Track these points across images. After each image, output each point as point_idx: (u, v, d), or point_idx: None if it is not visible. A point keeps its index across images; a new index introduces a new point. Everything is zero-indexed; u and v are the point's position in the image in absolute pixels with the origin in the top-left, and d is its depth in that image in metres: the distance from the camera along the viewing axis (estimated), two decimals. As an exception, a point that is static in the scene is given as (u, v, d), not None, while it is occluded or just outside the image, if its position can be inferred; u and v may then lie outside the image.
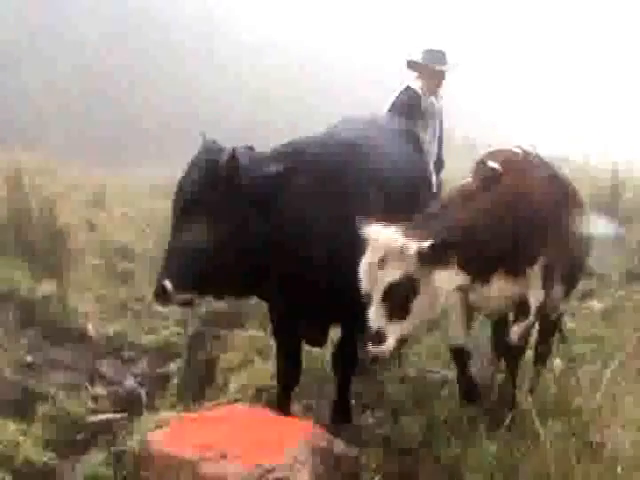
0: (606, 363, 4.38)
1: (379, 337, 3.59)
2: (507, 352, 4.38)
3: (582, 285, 6.63)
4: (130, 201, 12.84)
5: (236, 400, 5.12)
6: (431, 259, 3.56)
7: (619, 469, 3.46)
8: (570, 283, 4.68)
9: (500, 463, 3.77)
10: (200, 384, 6.04)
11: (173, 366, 6.84)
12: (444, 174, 6.88)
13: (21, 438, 4.95)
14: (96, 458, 4.81)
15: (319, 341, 4.61)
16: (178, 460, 3.64)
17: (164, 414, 4.96)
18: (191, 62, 26.41)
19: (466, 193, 3.97)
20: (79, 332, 7.29)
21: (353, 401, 4.81)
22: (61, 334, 7.14)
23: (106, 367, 6.93)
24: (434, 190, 6.23)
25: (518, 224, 3.97)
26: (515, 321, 4.29)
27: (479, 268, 3.91)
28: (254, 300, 4.84)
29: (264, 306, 4.83)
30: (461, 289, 3.98)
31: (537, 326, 4.74)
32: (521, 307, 4.24)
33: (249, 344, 6.08)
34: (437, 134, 6.62)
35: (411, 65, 6.46)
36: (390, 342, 3.61)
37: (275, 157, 4.19)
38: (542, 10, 37.14)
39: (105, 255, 9.47)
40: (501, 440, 3.88)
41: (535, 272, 4.11)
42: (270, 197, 4.05)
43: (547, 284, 4.22)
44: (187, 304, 4.15)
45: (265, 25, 30.43)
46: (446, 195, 4.15)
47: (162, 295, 3.92)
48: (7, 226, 8.14)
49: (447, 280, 3.72)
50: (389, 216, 4.24)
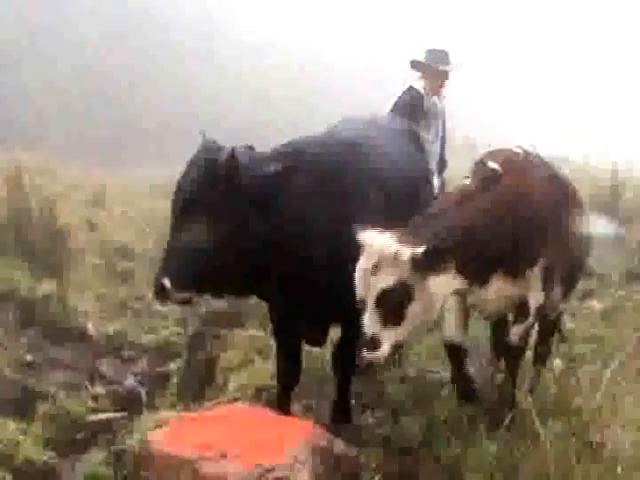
0: (606, 363, 4.36)
1: (374, 343, 3.58)
2: (507, 353, 4.36)
3: (582, 285, 6.63)
4: (130, 201, 12.85)
5: (236, 400, 5.11)
6: (425, 265, 3.53)
7: (619, 469, 3.46)
8: (570, 283, 4.66)
9: (500, 463, 3.76)
10: (200, 384, 6.03)
11: (173, 365, 6.85)
12: (446, 174, 6.87)
13: (21, 437, 4.95)
14: (96, 457, 4.79)
15: (319, 341, 4.60)
16: (178, 459, 3.63)
17: (164, 413, 4.94)
18: (191, 62, 26.44)
19: (465, 195, 3.94)
20: (79, 331, 7.31)
21: (353, 401, 4.80)
22: (61, 333, 7.15)
23: (106, 366, 6.94)
24: (437, 190, 6.22)
25: (518, 225, 3.95)
26: (515, 322, 4.28)
27: (477, 271, 3.89)
28: (254, 300, 4.83)
29: (264, 306, 4.82)
30: (459, 293, 3.97)
31: (536, 326, 4.73)
32: (521, 308, 4.22)
33: (249, 344, 6.07)
34: (440, 134, 6.60)
35: (414, 65, 6.44)
36: (385, 348, 3.60)
37: (275, 157, 4.17)
38: (542, 10, 37.17)
39: (105, 255, 9.49)
40: (501, 440, 3.87)
41: (535, 274, 4.08)
42: (270, 197, 4.04)
43: (547, 285, 4.20)
44: (186, 302, 4.16)
45: (265, 25, 30.45)
46: (444, 197, 4.12)
47: (161, 292, 3.93)
48: (7, 226, 8.16)
49: (443, 285, 3.70)
50: (389, 218, 4.25)
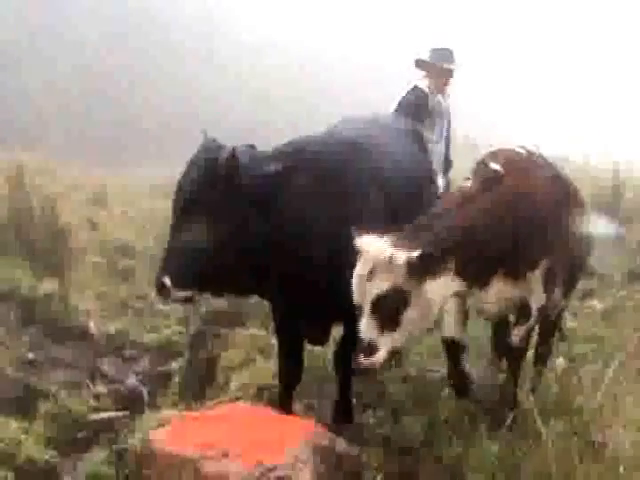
0: (607, 363, 4.36)
1: (370, 349, 3.57)
2: (508, 353, 4.36)
3: (583, 285, 6.64)
4: (130, 200, 12.86)
5: (237, 399, 5.10)
6: (421, 270, 3.52)
7: (621, 469, 3.46)
8: (570, 283, 4.65)
9: (502, 463, 3.76)
10: (201, 383, 6.03)
11: (175, 364, 6.84)
12: (450, 173, 6.85)
13: (23, 436, 4.94)
14: (98, 456, 4.80)
15: (321, 340, 4.60)
16: (180, 459, 3.63)
17: (166, 412, 4.93)
18: (191, 62, 26.43)
19: (465, 196, 3.92)
20: (80, 330, 7.32)
21: (354, 400, 4.80)
22: (62, 332, 7.16)
23: (107, 365, 6.95)
24: (442, 190, 6.21)
25: (519, 227, 3.92)
26: (516, 324, 4.27)
27: (477, 273, 3.87)
28: (255, 299, 4.84)
29: (265, 305, 4.82)
30: (458, 295, 3.94)
31: (537, 326, 4.72)
32: (522, 310, 4.21)
33: (250, 343, 6.07)
34: (444, 134, 6.57)
35: (419, 64, 6.42)
36: (381, 354, 3.59)
37: (275, 156, 4.17)
38: (542, 10, 37.16)
39: (106, 253, 9.50)
40: (502, 440, 3.87)
41: (536, 276, 4.06)
42: (270, 196, 4.03)
43: (548, 288, 4.17)
44: (186, 301, 4.15)
45: (265, 25, 30.45)
46: (445, 199, 4.09)
47: (161, 290, 3.94)
48: (8, 225, 8.17)
49: (441, 289, 3.68)
50: (390, 217, 4.26)
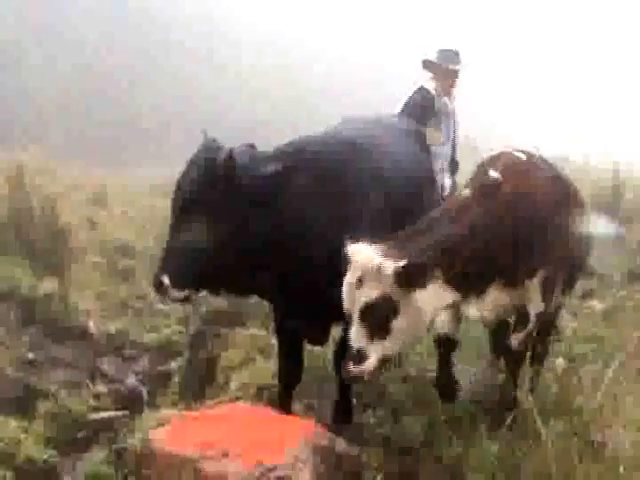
0: (607, 363, 4.35)
1: (359, 357, 3.57)
2: (508, 356, 4.32)
3: (583, 285, 6.65)
4: (130, 200, 12.86)
5: (237, 399, 5.10)
6: (408, 279, 3.50)
7: (621, 469, 3.46)
8: (569, 283, 4.63)
9: (501, 463, 3.76)
10: (201, 382, 6.03)
11: (174, 364, 6.85)
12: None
13: (22, 436, 4.96)
14: (97, 456, 4.81)
15: (320, 340, 4.59)
16: (179, 458, 3.63)
17: (165, 412, 4.93)
18: (191, 62, 26.42)
19: (461, 205, 3.89)
20: (80, 330, 7.33)
21: (354, 400, 4.80)
22: (62, 332, 7.16)
23: (107, 365, 6.95)
24: (448, 191, 6.19)
25: (517, 236, 3.89)
26: (514, 330, 4.23)
27: (473, 282, 3.83)
28: (255, 299, 4.83)
29: (265, 305, 4.82)
30: (453, 305, 3.89)
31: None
32: (520, 317, 4.19)
33: (250, 342, 6.06)
34: (451, 135, 6.53)
35: (426, 65, 6.38)
36: (371, 362, 3.59)
37: (275, 156, 4.16)
38: (542, 10, 37.17)
39: (106, 253, 9.51)
40: (502, 440, 3.86)
41: (534, 284, 4.04)
42: (270, 196, 4.02)
43: (547, 295, 4.15)
44: (184, 300, 4.15)
45: (265, 25, 30.46)
46: (441, 207, 4.05)
47: (159, 289, 3.94)
48: (8, 225, 8.17)
49: (432, 298, 3.66)
50: (390, 218, 4.26)
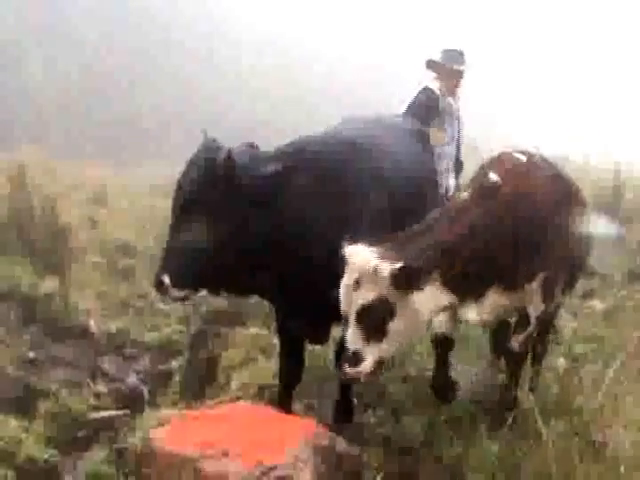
0: (607, 363, 4.36)
1: (356, 358, 3.57)
2: (508, 357, 4.30)
3: (584, 285, 6.65)
4: (130, 200, 12.85)
5: (238, 398, 5.10)
6: (405, 281, 3.49)
7: (621, 469, 3.46)
8: (570, 283, 4.61)
9: (502, 463, 3.76)
10: (202, 382, 6.03)
11: (175, 363, 6.86)
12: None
13: (23, 435, 4.97)
14: (98, 455, 4.83)
15: (321, 339, 4.58)
16: (180, 458, 3.63)
17: (166, 412, 4.93)
18: (191, 62, 26.42)
19: (460, 207, 3.87)
20: (81, 329, 7.34)
21: (355, 400, 4.80)
22: (63, 331, 7.17)
23: (108, 364, 6.96)
24: (453, 191, 6.18)
25: (516, 240, 3.86)
26: (515, 332, 4.21)
27: (470, 285, 3.81)
28: (255, 298, 4.83)
29: (266, 304, 4.81)
30: (450, 308, 3.87)
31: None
32: (521, 320, 4.17)
33: (251, 342, 6.06)
34: (455, 135, 6.51)
35: (430, 65, 6.36)
36: (367, 364, 3.58)
37: (276, 156, 4.15)
38: (542, 9, 37.17)
39: (106, 252, 9.52)
40: (503, 440, 3.86)
41: (534, 288, 4.02)
42: (270, 196, 4.02)
43: (547, 298, 4.14)
44: (185, 300, 4.16)
45: (265, 25, 30.46)
46: (441, 209, 4.04)
47: (159, 288, 3.94)
48: (9, 225, 8.18)
49: (429, 301, 3.64)
50: (391, 217, 4.25)
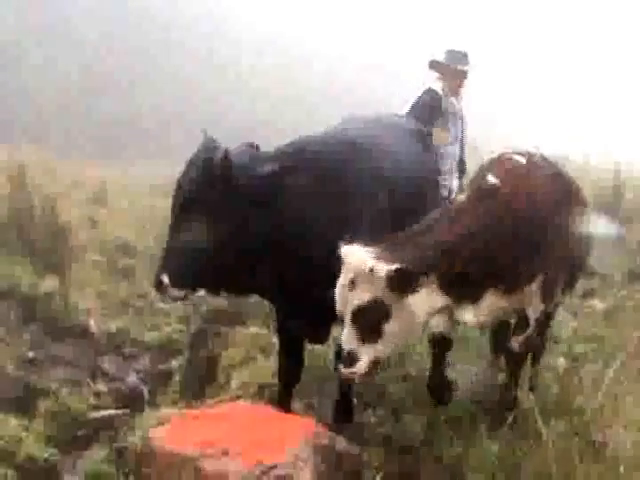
0: (608, 363, 4.35)
1: (351, 359, 3.55)
2: (509, 357, 4.28)
3: (584, 284, 6.64)
4: (130, 199, 12.86)
5: (238, 397, 5.10)
6: (400, 283, 3.47)
7: (621, 469, 3.46)
8: (570, 283, 4.59)
9: (502, 462, 3.75)
10: (202, 381, 6.03)
11: (175, 363, 6.87)
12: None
13: (23, 434, 4.98)
14: (98, 454, 4.83)
15: (321, 339, 4.57)
16: (180, 457, 3.62)
17: (166, 411, 4.94)
18: (191, 62, 26.45)
19: (458, 210, 3.85)
20: (81, 328, 7.34)
21: (355, 400, 4.80)
22: (63, 330, 7.18)
23: (108, 363, 6.97)
24: (454, 193, 6.17)
25: (514, 242, 3.83)
26: (514, 333, 4.20)
27: (467, 288, 3.79)
28: (256, 298, 4.83)
29: (266, 304, 4.81)
30: (446, 309, 3.85)
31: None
32: (520, 321, 4.16)
33: (251, 341, 6.06)
34: (459, 136, 6.46)
35: (433, 65, 6.30)
36: (362, 364, 3.56)
37: (276, 156, 4.15)
38: (542, 9, 37.19)
39: (106, 252, 9.53)
40: (503, 439, 3.86)
41: (533, 290, 4.00)
42: (269, 196, 4.01)
43: (547, 299, 4.13)
44: (184, 299, 4.15)
45: (265, 24, 30.50)
46: (439, 211, 4.03)
47: (159, 287, 3.94)
48: (9, 224, 8.18)
49: (425, 303, 3.63)
50: (391, 217, 4.25)
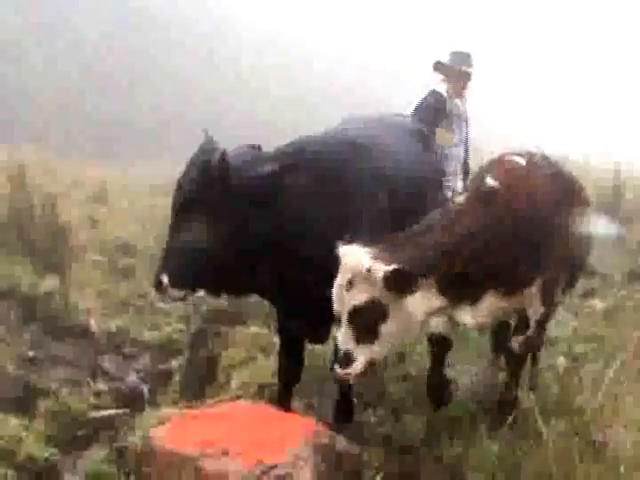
0: (608, 363, 4.35)
1: (347, 359, 3.54)
2: (509, 357, 4.28)
3: (584, 284, 6.63)
4: (131, 199, 12.87)
5: (238, 397, 5.10)
6: (397, 284, 3.46)
7: (622, 469, 3.45)
8: (570, 283, 4.58)
9: (502, 462, 3.75)
10: (202, 381, 6.04)
11: (175, 363, 6.88)
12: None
13: (23, 434, 4.97)
14: (98, 454, 4.83)
15: (321, 339, 4.58)
16: (180, 456, 3.62)
17: (166, 410, 4.94)
18: (191, 62, 26.45)
19: (457, 211, 3.84)
20: (81, 328, 7.34)
21: (355, 399, 4.80)
22: (63, 330, 7.18)
23: (108, 363, 6.97)
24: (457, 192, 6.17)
25: (513, 245, 3.82)
26: (515, 334, 4.20)
27: (465, 289, 3.77)
28: (256, 298, 4.83)
29: (266, 303, 4.81)
30: (444, 310, 3.84)
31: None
32: (520, 322, 4.16)
33: (251, 341, 6.06)
34: (464, 138, 6.44)
35: (438, 67, 6.28)
36: (358, 365, 3.55)
37: (276, 156, 4.15)
38: (542, 10, 37.19)
39: (106, 251, 9.53)
40: (503, 439, 3.86)
41: (533, 292, 3.99)
42: (269, 196, 4.02)
43: (547, 301, 4.11)
44: (184, 299, 4.15)
45: (265, 24, 30.50)
46: (439, 212, 4.03)
47: (158, 287, 3.94)
48: (9, 224, 8.18)
49: (422, 304, 3.62)
50: (391, 217, 4.25)
